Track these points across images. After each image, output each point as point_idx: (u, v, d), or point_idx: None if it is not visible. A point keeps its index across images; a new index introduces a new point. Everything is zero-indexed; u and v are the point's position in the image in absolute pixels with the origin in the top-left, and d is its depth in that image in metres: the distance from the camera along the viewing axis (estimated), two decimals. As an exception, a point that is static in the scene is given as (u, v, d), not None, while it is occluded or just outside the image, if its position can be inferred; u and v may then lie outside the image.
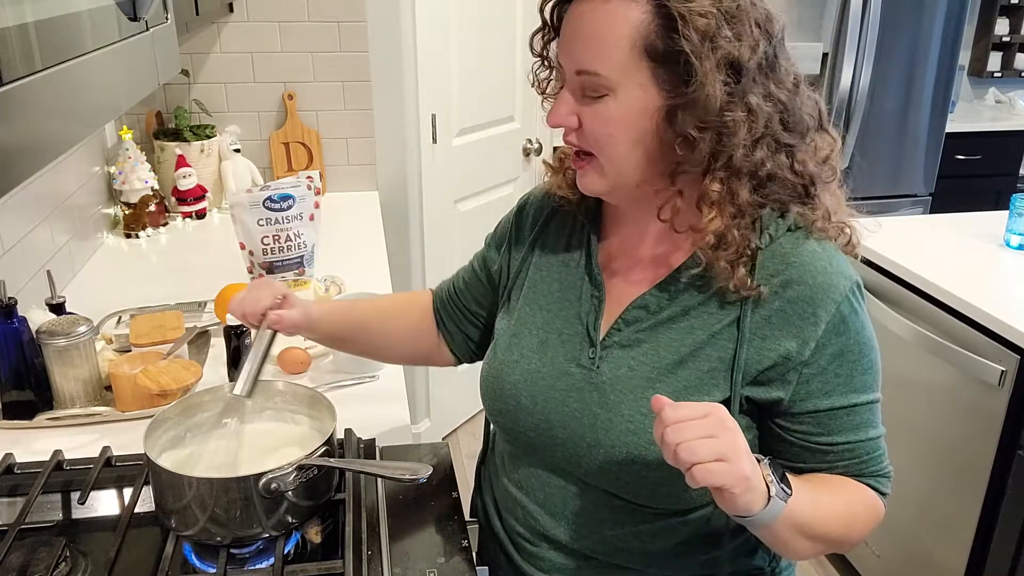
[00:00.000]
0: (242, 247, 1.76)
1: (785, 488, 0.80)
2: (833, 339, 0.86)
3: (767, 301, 0.87)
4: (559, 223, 1.05)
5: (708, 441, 0.75)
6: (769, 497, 0.78)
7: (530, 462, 1.01)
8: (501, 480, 1.07)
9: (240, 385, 1.01)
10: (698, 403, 0.78)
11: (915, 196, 3.34)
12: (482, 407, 1.07)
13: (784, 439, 0.91)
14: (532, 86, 0.98)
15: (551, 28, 0.93)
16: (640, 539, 0.96)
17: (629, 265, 0.97)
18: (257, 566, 0.96)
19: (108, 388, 1.33)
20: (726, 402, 0.88)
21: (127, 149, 2.13)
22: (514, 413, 1.00)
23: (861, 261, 2.18)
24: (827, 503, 0.88)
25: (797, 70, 0.90)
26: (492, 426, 1.13)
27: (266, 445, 1.06)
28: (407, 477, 0.96)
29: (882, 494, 0.94)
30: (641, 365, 0.92)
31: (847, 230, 0.93)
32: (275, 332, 1.05)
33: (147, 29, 1.00)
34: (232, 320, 1.34)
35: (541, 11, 0.92)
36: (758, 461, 0.80)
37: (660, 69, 0.83)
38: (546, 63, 0.96)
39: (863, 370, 0.89)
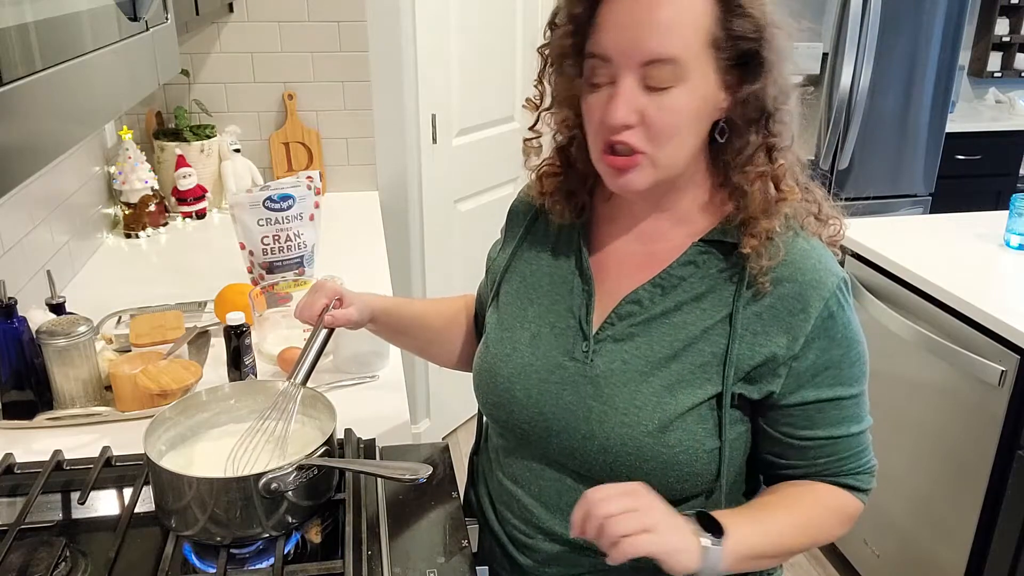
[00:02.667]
0: (242, 247, 1.76)
1: (714, 536, 0.83)
2: (821, 334, 0.89)
3: (759, 298, 0.89)
4: (547, 220, 1.05)
5: (633, 515, 0.80)
6: (703, 549, 0.82)
7: (524, 455, 1.02)
8: (495, 474, 1.08)
9: (300, 375, 1.06)
10: (619, 483, 0.84)
11: (915, 196, 3.33)
12: (482, 407, 1.07)
13: (770, 436, 0.94)
14: (548, 82, 0.96)
15: (581, 24, 0.89)
16: None
17: (618, 261, 0.99)
18: (257, 566, 0.96)
19: (108, 388, 1.33)
20: (718, 397, 0.90)
21: (127, 149, 2.13)
22: (508, 406, 1.00)
23: (862, 262, 2.20)
24: (780, 522, 0.91)
25: None
26: (485, 420, 1.14)
27: (266, 445, 1.06)
28: (407, 477, 0.96)
29: (861, 491, 0.97)
30: (634, 359, 0.93)
31: (833, 223, 0.95)
32: (331, 330, 1.09)
33: (147, 29, 1.00)
34: (232, 320, 1.34)
35: (571, 11, 0.89)
36: (687, 518, 0.84)
37: (723, 59, 0.85)
38: (575, 61, 0.91)
39: (850, 363, 0.91)
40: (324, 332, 1.09)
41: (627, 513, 0.80)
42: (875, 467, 0.97)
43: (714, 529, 0.84)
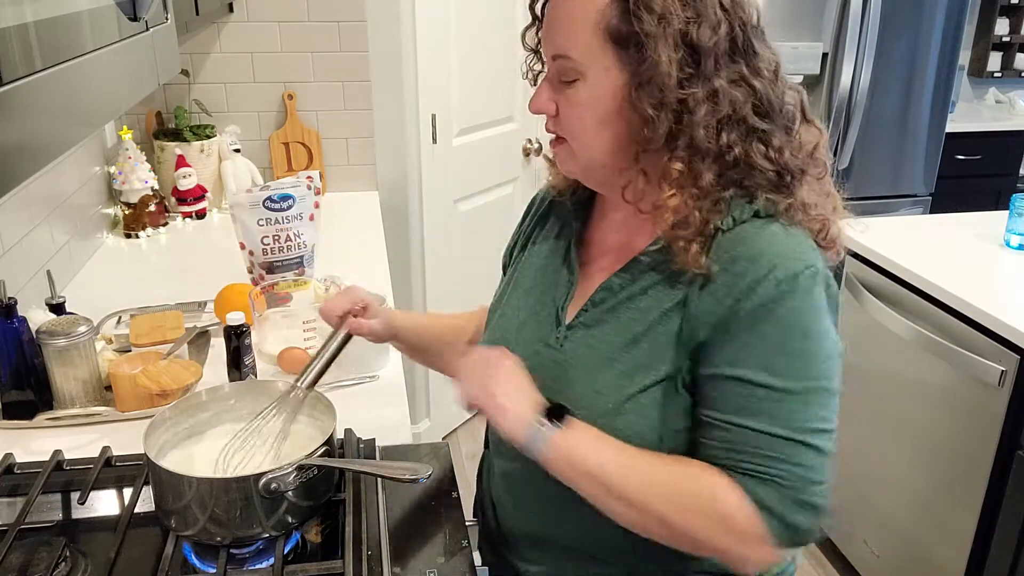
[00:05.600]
0: (242, 247, 1.76)
1: (553, 423, 0.87)
2: (759, 310, 0.82)
3: (715, 277, 0.85)
4: (556, 214, 1.08)
5: (488, 379, 0.91)
6: (531, 424, 0.87)
7: (510, 456, 1.02)
8: (494, 477, 1.10)
9: (306, 378, 1.06)
10: (488, 351, 0.94)
11: (915, 196, 3.33)
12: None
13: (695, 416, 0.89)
14: (524, 77, 1.02)
15: (540, 22, 0.96)
16: (618, 530, 0.94)
17: (602, 253, 1.00)
18: (257, 566, 0.96)
19: (108, 388, 1.33)
20: (671, 377, 0.88)
21: (127, 149, 2.13)
22: None
23: (862, 262, 2.20)
24: (629, 461, 0.86)
25: (778, 60, 0.90)
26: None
27: (266, 445, 1.06)
28: (407, 477, 0.96)
29: (766, 508, 0.81)
30: (600, 344, 0.93)
31: (827, 223, 0.90)
32: (348, 336, 1.11)
33: (147, 29, 1.00)
34: (232, 320, 1.34)
35: (531, 7, 0.96)
36: (542, 400, 0.90)
37: (623, 52, 0.85)
38: (538, 57, 1.00)
39: (786, 353, 0.82)
40: (341, 337, 1.10)
41: (485, 378, 0.91)
42: (813, 501, 0.82)
43: (558, 420, 0.87)
